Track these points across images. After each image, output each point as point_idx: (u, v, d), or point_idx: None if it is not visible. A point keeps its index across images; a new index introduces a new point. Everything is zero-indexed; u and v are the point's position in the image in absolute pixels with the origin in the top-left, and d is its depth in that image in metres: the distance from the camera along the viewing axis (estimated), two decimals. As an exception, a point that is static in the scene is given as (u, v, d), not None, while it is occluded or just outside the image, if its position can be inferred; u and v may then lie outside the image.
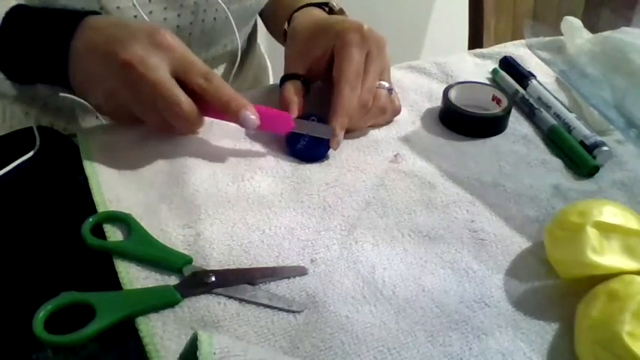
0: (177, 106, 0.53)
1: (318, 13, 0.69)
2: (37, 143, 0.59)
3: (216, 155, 0.58)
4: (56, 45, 0.55)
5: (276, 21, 0.79)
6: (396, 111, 0.64)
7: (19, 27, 0.56)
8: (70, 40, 0.54)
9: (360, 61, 0.59)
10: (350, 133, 0.61)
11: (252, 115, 0.55)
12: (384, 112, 0.62)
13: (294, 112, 0.59)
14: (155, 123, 0.57)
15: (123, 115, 0.59)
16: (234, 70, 0.79)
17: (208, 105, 0.55)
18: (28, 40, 0.56)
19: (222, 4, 0.69)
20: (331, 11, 0.70)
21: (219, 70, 0.80)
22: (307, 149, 0.58)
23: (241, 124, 0.55)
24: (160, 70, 0.52)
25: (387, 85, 0.62)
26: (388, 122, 0.64)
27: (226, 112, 0.55)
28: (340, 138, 0.58)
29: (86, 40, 0.54)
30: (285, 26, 0.70)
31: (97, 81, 0.55)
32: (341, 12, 0.71)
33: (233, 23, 0.71)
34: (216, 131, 0.61)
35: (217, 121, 0.60)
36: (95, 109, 0.59)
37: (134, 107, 0.55)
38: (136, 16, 0.63)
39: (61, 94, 0.59)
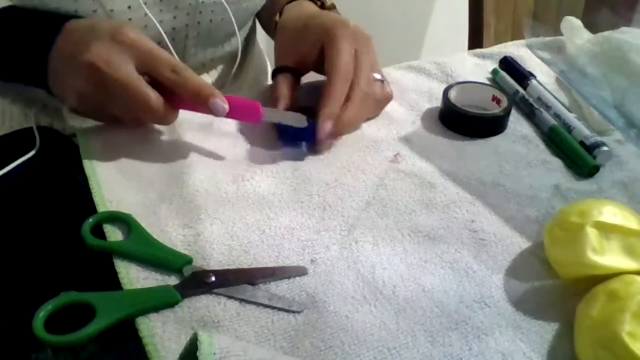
0: (144, 103, 0.53)
1: (310, 7, 0.69)
2: (37, 143, 0.59)
3: (216, 155, 0.58)
4: (35, 53, 0.55)
5: (270, 13, 0.79)
6: (389, 98, 0.65)
7: (3, 30, 0.56)
8: (50, 46, 0.54)
9: (350, 53, 0.59)
10: (351, 133, 0.61)
11: (222, 103, 0.55)
12: (381, 104, 0.64)
13: (284, 105, 0.60)
14: (129, 120, 0.57)
15: (100, 116, 0.59)
16: (233, 71, 0.78)
17: (179, 96, 0.55)
18: (11, 43, 0.56)
19: (225, 4, 0.69)
20: (323, 5, 0.71)
21: (218, 72, 0.80)
22: (297, 136, 0.58)
23: (211, 112, 0.55)
24: (125, 68, 0.52)
25: (378, 76, 0.63)
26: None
27: (196, 101, 0.55)
28: (327, 127, 0.57)
29: (58, 46, 0.54)
30: (277, 17, 0.70)
31: (68, 85, 0.55)
32: (332, 7, 0.71)
33: (235, 24, 0.71)
34: (216, 131, 0.61)
35: (217, 121, 0.60)
36: (73, 112, 0.59)
37: (107, 107, 0.55)
38: (130, 19, 0.63)
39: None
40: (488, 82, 0.71)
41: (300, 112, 0.59)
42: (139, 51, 0.53)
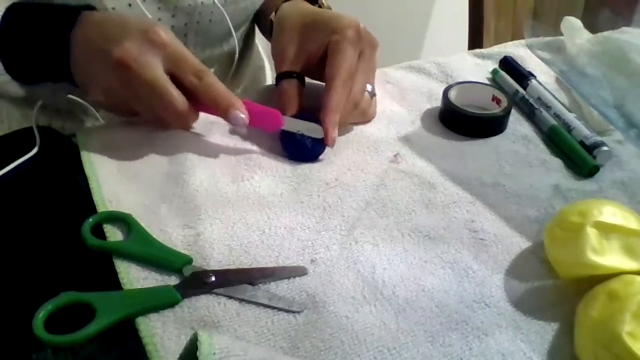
0: (169, 104, 0.54)
1: (308, 6, 0.68)
2: (37, 143, 0.59)
3: (216, 155, 0.58)
4: (56, 41, 0.55)
5: (265, 12, 0.78)
6: (372, 117, 0.65)
7: (18, 26, 0.56)
8: (69, 35, 0.54)
9: (354, 59, 0.58)
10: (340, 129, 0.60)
11: (241, 114, 0.55)
12: (365, 115, 0.63)
13: (292, 112, 0.59)
14: (152, 118, 0.58)
15: (123, 111, 0.59)
16: (232, 70, 0.78)
17: (201, 101, 0.56)
18: (29, 39, 0.56)
19: (220, 7, 0.68)
20: (320, 7, 0.70)
21: (216, 70, 0.80)
22: (302, 150, 0.58)
23: (231, 122, 0.56)
24: (154, 67, 0.53)
25: (370, 88, 0.62)
26: (364, 123, 0.64)
27: (216, 109, 0.56)
28: (335, 135, 0.57)
29: (84, 36, 0.55)
30: (272, 16, 0.69)
31: (95, 78, 0.55)
32: (328, 9, 0.70)
33: (230, 25, 0.71)
34: (216, 131, 0.61)
35: (217, 121, 0.60)
36: (96, 104, 0.59)
37: (131, 103, 0.56)
38: None
39: (69, 96, 0.59)
40: (488, 82, 0.71)
41: (297, 116, 0.59)
42: (168, 52, 0.54)
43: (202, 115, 0.59)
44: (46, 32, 0.55)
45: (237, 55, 0.76)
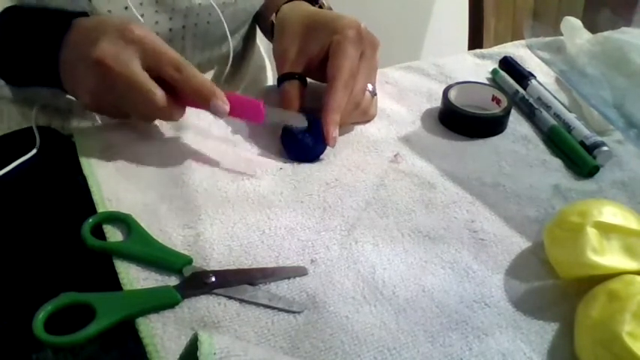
0: (149, 100, 0.53)
1: (308, 7, 0.68)
2: (37, 143, 0.59)
3: (216, 155, 0.58)
4: (47, 48, 0.55)
5: (265, 14, 0.78)
6: (373, 116, 0.65)
7: (11, 30, 0.56)
8: (60, 44, 0.54)
9: (355, 59, 0.58)
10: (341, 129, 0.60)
11: (221, 104, 0.54)
12: (366, 115, 0.63)
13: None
14: (139, 116, 0.57)
15: (112, 113, 0.59)
16: (227, 71, 0.78)
17: (182, 93, 0.55)
18: (21, 45, 0.56)
19: (217, 9, 0.68)
20: (320, 8, 0.70)
21: (215, 72, 0.79)
22: (302, 150, 0.58)
23: (212, 112, 0.55)
24: (131, 64, 0.52)
25: (371, 87, 0.62)
26: (364, 123, 0.64)
27: (197, 100, 0.55)
28: (335, 134, 0.57)
29: (69, 44, 0.55)
30: (273, 17, 0.68)
31: (81, 82, 0.55)
32: (329, 10, 0.70)
33: (226, 27, 0.70)
34: (216, 131, 0.61)
35: (217, 121, 0.60)
36: (85, 108, 0.59)
37: (117, 103, 0.56)
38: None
39: (68, 96, 0.59)
40: (488, 82, 0.71)
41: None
42: (144, 48, 0.53)
43: (202, 114, 0.59)
44: (38, 38, 0.56)
45: (231, 57, 0.76)
